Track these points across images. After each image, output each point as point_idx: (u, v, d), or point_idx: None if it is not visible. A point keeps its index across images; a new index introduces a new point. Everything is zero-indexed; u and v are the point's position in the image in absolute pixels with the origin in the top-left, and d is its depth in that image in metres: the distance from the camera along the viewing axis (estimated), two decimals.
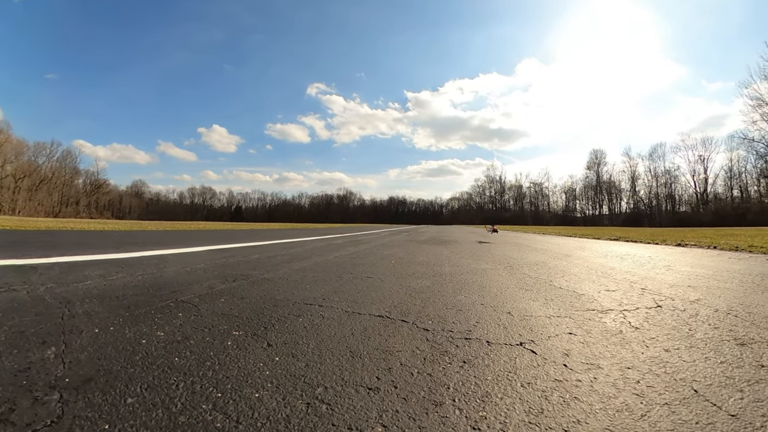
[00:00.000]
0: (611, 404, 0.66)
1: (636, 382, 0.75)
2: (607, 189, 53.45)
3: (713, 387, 0.73)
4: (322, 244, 4.32)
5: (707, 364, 0.84)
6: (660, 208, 45.83)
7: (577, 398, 0.68)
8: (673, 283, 1.93)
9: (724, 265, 2.68)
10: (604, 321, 1.22)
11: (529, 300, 1.50)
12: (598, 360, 0.87)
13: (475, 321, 1.16)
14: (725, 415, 0.62)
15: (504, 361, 0.84)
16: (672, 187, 45.42)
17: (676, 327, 1.14)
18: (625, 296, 1.60)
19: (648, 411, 0.64)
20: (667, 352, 0.92)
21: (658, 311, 1.34)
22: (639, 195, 49.08)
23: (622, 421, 0.60)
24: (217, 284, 1.61)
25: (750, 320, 1.20)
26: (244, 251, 3.13)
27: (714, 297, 1.57)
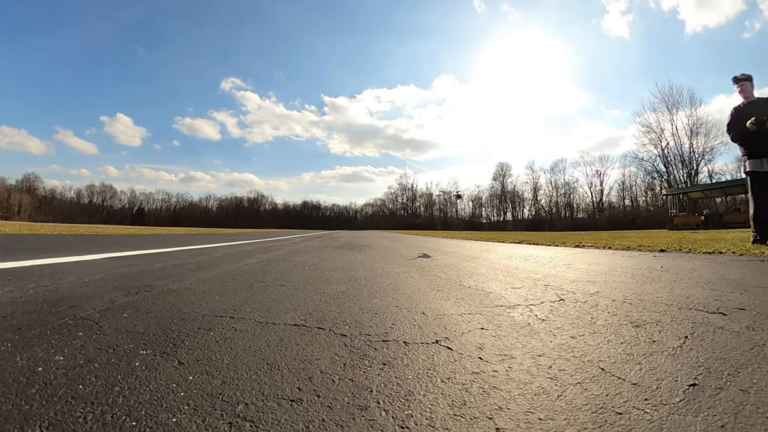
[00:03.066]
0: (528, 389, 0.97)
1: (548, 368, 1.12)
2: (511, 198, 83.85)
3: (617, 364, 1.14)
4: (232, 251, 5.67)
5: (609, 346, 1.31)
6: (560, 214, 72.33)
7: (495, 387, 0.98)
8: (573, 279, 2.88)
9: (618, 262, 4.09)
10: (513, 315, 1.77)
11: (441, 300, 2.12)
12: (510, 351, 1.28)
13: (392, 323, 1.62)
14: (629, 384, 0.99)
15: (422, 360, 1.18)
16: (571, 196, 74.13)
17: (579, 317, 1.72)
18: (530, 292, 2.33)
19: (563, 391, 0.96)
20: (573, 339, 1.39)
21: (561, 304, 1.99)
22: (540, 203, 77.31)
23: (540, 402, 0.90)
24: (119, 297, 2.04)
25: (642, 306, 1.90)
26: (148, 259, 4.12)
27: (611, 289, 2.40)
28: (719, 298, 2.07)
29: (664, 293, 2.23)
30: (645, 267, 3.60)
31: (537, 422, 0.81)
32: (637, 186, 67.39)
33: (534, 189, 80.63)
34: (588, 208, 73.19)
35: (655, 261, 4.10)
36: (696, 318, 1.67)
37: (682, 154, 54.55)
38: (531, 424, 0.81)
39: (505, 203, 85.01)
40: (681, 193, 39.18)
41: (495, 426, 0.80)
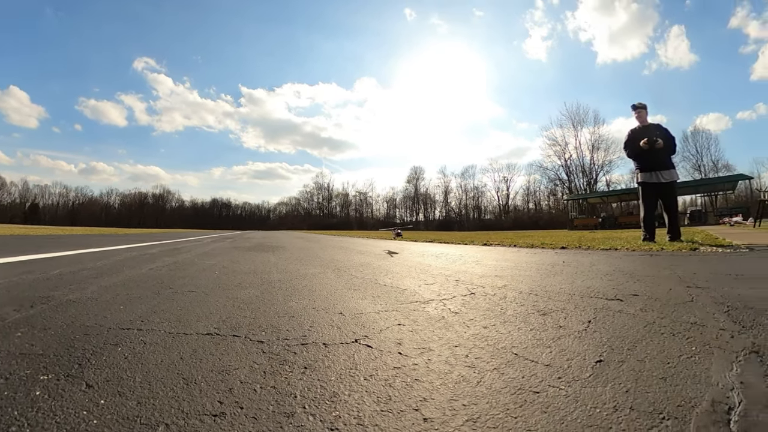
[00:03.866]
0: (449, 378, 1.07)
1: (465, 357, 1.23)
2: (423, 200, 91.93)
3: (528, 348, 1.29)
4: (135, 254, 5.53)
5: (520, 333, 1.47)
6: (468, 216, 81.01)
7: (418, 380, 1.06)
8: (482, 274, 3.14)
9: (523, 258, 4.54)
10: (427, 310, 1.89)
11: (358, 299, 2.24)
12: (428, 344, 1.38)
13: (309, 325, 1.68)
14: (542, 366, 1.13)
15: (343, 360, 1.25)
16: (479, 200, 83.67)
17: (489, 308, 1.89)
18: (442, 288, 2.51)
19: (482, 377, 1.06)
20: (486, 329, 1.54)
21: (472, 297, 2.17)
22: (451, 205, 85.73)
23: (462, 390, 0.99)
24: (11, 313, 1.91)
25: (547, 296, 2.13)
26: (43, 265, 3.96)
27: (517, 282, 2.65)
28: (616, 287, 2.41)
29: (566, 284, 2.53)
30: (548, 262, 4.03)
31: (461, 408, 0.89)
32: (540, 191, 77.25)
33: (445, 192, 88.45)
34: (495, 210, 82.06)
35: (557, 257, 4.60)
36: (597, 305, 1.93)
37: (583, 165, 65.56)
38: (456, 411, 0.89)
39: (418, 204, 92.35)
40: (581, 199, 46.18)
41: (422, 417, 0.86)
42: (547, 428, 0.81)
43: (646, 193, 6.39)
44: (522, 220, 66.98)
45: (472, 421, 0.84)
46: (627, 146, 6.61)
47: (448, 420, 0.85)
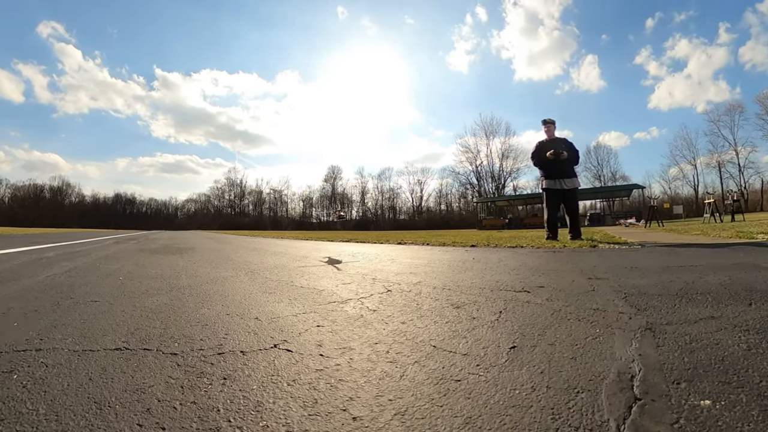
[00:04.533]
0: (373, 375, 1.08)
1: (386, 353, 1.24)
2: (340, 199, 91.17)
3: (446, 340, 1.34)
4: (29, 259, 5.06)
5: (437, 326, 1.52)
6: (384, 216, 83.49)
7: (342, 380, 1.06)
8: (398, 271, 3.21)
9: (436, 256, 4.71)
10: (346, 309, 1.89)
11: (274, 302, 2.18)
12: (348, 343, 1.38)
13: (224, 333, 1.60)
14: (460, 355, 1.19)
15: (264, 367, 1.21)
16: (394, 200, 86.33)
17: (406, 304, 1.94)
18: (359, 287, 2.52)
19: (404, 371, 1.08)
20: (404, 324, 1.58)
21: (389, 294, 2.22)
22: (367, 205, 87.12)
23: (386, 385, 1.01)
24: None
25: (460, 291, 2.23)
26: None
27: (431, 278, 2.75)
28: (523, 280, 2.58)
29: (477, 279, 2.68)
30: (459, 259, 4.22)
31: (388, 404, 0.92)
32: (452, 194, 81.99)
33: (362, 192, 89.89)
34: (409, 210, 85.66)
35: (467, 254, 4.84)
36: (506, 296, 2.06)
37: (492, 172, 71.57)
38: (383, 406, 0.91)
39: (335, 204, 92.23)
40: (490, 201, 50.42)
41: (351, 416, 0.87)
42: (472, 413, 0.85)
43: (549, 198, 7.09)
44: (435, 220, 70.44)
45: (400, 415, 0.86)
46: (534, 156, 7.25)
47: (376, 416, 0.87)
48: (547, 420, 0.82)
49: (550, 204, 7.04)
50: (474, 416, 0.84)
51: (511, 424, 0.81)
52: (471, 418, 0.83)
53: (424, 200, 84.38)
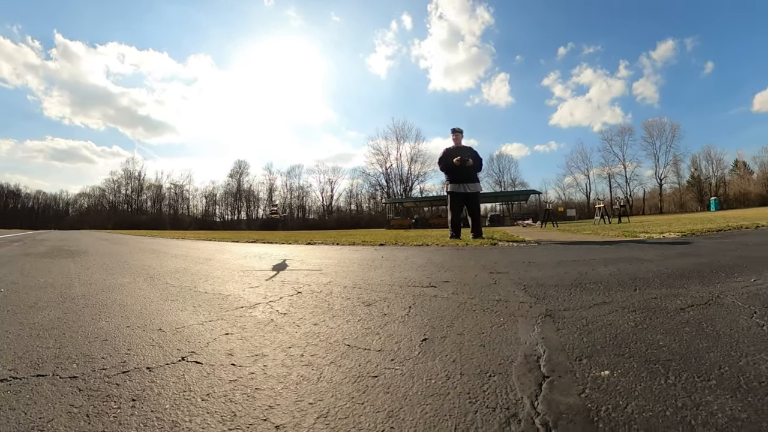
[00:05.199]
0: (290, 380, 1.06)
1: (301, 356, 1.22)
2: (246, 197, 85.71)
3: (359, 338, 1.36)
4: None
5: (349, 325, 1.53)
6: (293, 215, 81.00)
7: (258, 389, 1.03)
8: (307, 272, 3.16)
9: (346, 255, 4.72)
10: (255, 315, 1.82)
11: (177, 311, 2.04)
12: (261, 350, 1.33)
13: (127, 348, 1.46)
14: (375, 352, 1.20)
15: (174, 383, 1.12)
16: (304, 199, 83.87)
17: (317, 305, 1.93)
18: (268, 290, 2.44)
19: (321, 373, 1.07)
20: (316, 326, 1.56)
21: (299, 296, 2.18)
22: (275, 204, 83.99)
23: (305, 389, 1.00)
24: None
25: (370, 289, 2.27)
26: None
27: (341, 278, 2.75)
28: (430, 276, 2.69)
29: (386, 277, 2.74)
30: (369, 258, 4.28)
31: (309, 408, 0.91)
32: (362, 195, 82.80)
33: (270, 190, 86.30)
34: (319, 210, 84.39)
35: (376, 253, 4.92)
36: (415, 292, 2.13)
37: (401, 174, 74.32)
38: (304, 411, 0.90)
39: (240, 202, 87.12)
40: (398, 202, 52.36)
41: (273, 425, 0.86)
42: (393, 406, 0.86)
43: (453, 201, 7.55)
44: (344, 220, 70.86)
45: (322, 418, 0.85)
46: (441, 161, 7.72)
47: (299, 422, 0.86)
48: (465, 404, 0.87)
49: (454, 206, 7.49)
50: (395, 409, 0.86)
51: (432, 412, 0.84)
52: (393, 412, 0.85)
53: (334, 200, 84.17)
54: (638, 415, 0.85)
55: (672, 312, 1.63)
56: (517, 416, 0.83)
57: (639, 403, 0.90)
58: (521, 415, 0.84)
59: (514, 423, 0.81)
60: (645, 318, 1.55)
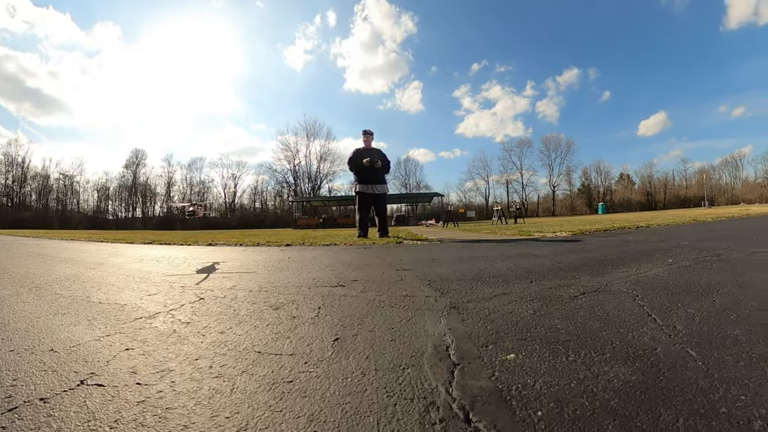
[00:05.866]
0: (202, 395, 0.99)
1: (210, 368, 1.15)
2: (142, 191, 75.82)
3: (269, 343, 1.32)
4: None
5: (258, 331, 1.48)
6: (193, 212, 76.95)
7: (169, 408, 0.95)
8: (209, 276, 2.99)
9: (250, 257, 4.55)
10: (156, 326, 1.68)
11: (70, 326, 1.80)
12: (166, 364, 1.22)
13: (13, 378, 1.22)
14: (287, 356, 1.18)
15: (76, 412, 0.97)
16: (205, 195, 76.67)
17: (222, 312, 1.83)
18: (168, 297, 2.26)
19: (234, 384, 1.02)
20: (223, 334, 1.48)
21: (202, 303, 2.05)
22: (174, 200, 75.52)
23: (219, 402, 0.95)
24: None
25: (278, 291, 2.21)
26: None
27: (247, 281, 2.64)
28: (338, 275, 2.70)
29: (294, 278, 2.69)
30: (275, 259, 4.18)
31: (226, 422, 0.87)
32: (267, 192, 78.59)
33: (168, 184, 77.26)
34: (221, 207, 78.31)
35: (282, 254, 4.80)
36: (324, 292, 2.12)
37: (310, 172, 72.64)
38: (222, 426, 0.85)
39: (136, 197, 76.64)
40: (305, 201, 51.09)
41: None
42: (312, 410, 0.85)
43: (362, 201, 7.68)
44: (248, 218, 67.30)
45: (242, 430, 0.82)
46: (351, 162, 7.80)
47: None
48: (384, 399, 0.89)
49: (362, 206, 7.63)
50: (315, 412, 0.85)
51: (352, 410, 0.85)
52: (313, 415, 0.84)
53: (237, 196, 78.59)
54: (546, 390, 0.94)
55: (566, 299, 1.84)
56: (435, 404, 0.87)
57: (546, 379, 1.00)
58: (438, 402, 0.88)
59: (433, 410, 0.84)
60: (542, 306, 1.72)
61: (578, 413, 0.85)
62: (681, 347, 1.22)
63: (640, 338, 1.31)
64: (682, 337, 1.31)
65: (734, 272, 2.48)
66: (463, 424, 0.80)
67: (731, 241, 4.60)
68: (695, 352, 1.18)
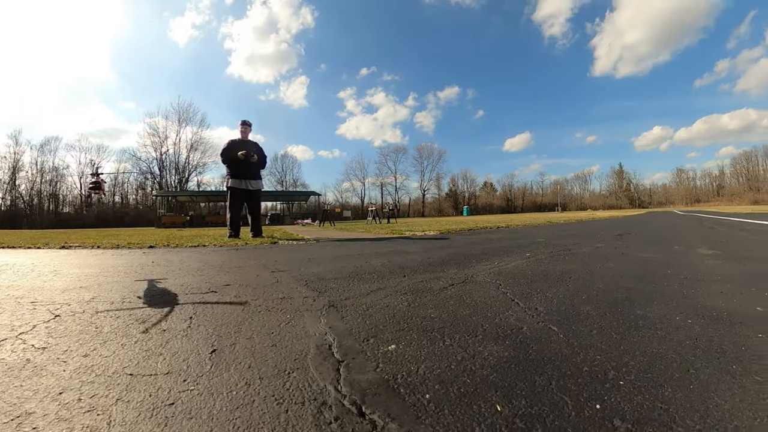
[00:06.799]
0: None
1: (79, 401, 0.98)
2: None
3: (141, 363, 1.18)
4: None
5: (127, 350, 1.32)
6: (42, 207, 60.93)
7: None
8: (64, 288, 2.57)
9: (110, 262, 4.02)
10: (2, 357, 1.36)
11: None
12: (23, 405, 1.00)
13: None
14: (163, 376, 1.07)
15: None
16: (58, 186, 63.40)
17: (83, 330, 1.59)
18: (15, 317, 1.86)
19: (110, 416, 0.89)
20: (88, 357, 1.28)
21: (58, 322, 1.74)
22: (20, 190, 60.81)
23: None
24: None
25: (143, 302, 1.99)
26: None
27: (107, 292, 2.34)
28: (209, 280, 2.55)
29: (160, 285, 2.48)
30: (138, 264, 3.77)
31: None
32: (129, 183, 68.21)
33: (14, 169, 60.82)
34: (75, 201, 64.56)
35: (146, 257, 4.36)
36: (194, 300, 1.99)
37: (177, 163, 64.55)
38: None
39: None
40: (171, 196, 45.13)
41: None
42: (201, 429, 0.81)
43: (234, 197, 7.20)
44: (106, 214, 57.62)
45: None
46: (224, 153, 7.22)
47: None
48: (274, 407, 0.88)
49: (235, 203, 7.18)
50: None
51: (244, 424, 0.83)
52: None
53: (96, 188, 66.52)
54: (430, 374, 1.03)
55: (437, 291, 2.01)
56: (327, 403, 0.89)
57: (427, 364, 1.09)
58: (330, 401, 0.90)
59: (326, 410, 0.86)
60: (416, 298, 1.87)
61: (463, 390, 0.95)
62: (544, 324, 1.48)
63: (507, 320, 1.52)
64: (544, 316, 1.58)
65: (583, 262, 3.00)
66: (358, 419, 0.83)
67: (580, 239, 5.54)
68: (556, 327, 1.45)
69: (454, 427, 0.81)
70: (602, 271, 2.67)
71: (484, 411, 0.87)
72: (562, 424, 0.83)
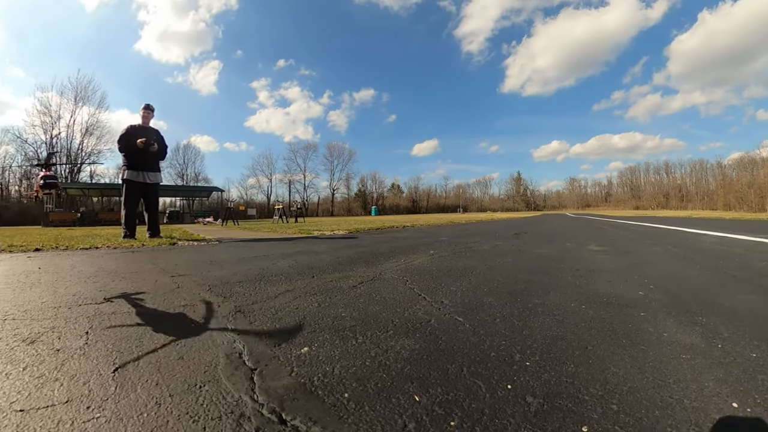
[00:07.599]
0: None
1: None
2: None
3: (33, 394, 0.98)
4: None
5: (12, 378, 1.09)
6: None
7: None
8: None
9: None
10: None
11: None
12: None
13: None
14: (61, 405, 0.92)
15: None
16: None
17: None
18: None
19: None
20: None
21: None
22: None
23: None
24: None
25: (29, 317, 1.73)
26: None
27: None
28: (103, 288, 2.33)
29: (49, 296, 2.19)
30: (21, 271, 3.30)
31: None
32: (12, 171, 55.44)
33: None
34: None
35: (31, 263, 3.82)
36: (89, 312, 1.79)
37: (69, 149, 54.01)
38: None
39: None
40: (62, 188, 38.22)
41: None
42: None
43: (130, 191, 6.49)
44: None
45: None
46: (122, 140, 6.43)
47: None
48: (190, 425, 0.83)
49: (130, 198, 6.50)
50: None
51: None
52: None
53: None
54: (346, 373, 1.04)
55: (347, 289, 2.03)
56: (245, 415, 0.86)
57: (343, 363, 1.10)
58: (248, 412, 0.87)
59: (246, 422, 0.83)
60: (326, 298, 1.88)
61: (380, 385, 0.98)
62: (450, 316, 1.57)
63: (416, 314, 1.59)
64: (450, 309, 1.68)
65: (484, 258, 3.22)
66: (279, 427, 0.82)
67: (480, 237, 5.90)
68: (462, 318, 1.55)
69: (377, 421, 0.83)
70: (502, 266, 2.90)
71: (403, 403, 0.91)
72: (478, 406, 0.89)
